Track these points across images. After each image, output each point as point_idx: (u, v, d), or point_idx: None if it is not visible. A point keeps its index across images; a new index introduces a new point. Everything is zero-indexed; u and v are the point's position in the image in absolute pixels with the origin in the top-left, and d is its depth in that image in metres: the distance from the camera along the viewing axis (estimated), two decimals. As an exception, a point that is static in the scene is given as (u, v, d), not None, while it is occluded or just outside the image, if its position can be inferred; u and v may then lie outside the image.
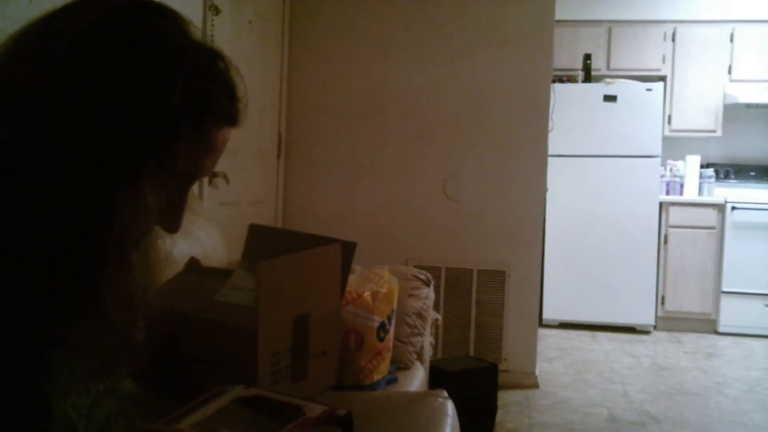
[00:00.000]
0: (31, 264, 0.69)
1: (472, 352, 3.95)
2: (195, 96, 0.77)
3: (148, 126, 0.74)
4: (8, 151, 0.70)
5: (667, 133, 5.82)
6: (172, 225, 0.85)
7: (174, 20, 0.80)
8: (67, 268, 0.72)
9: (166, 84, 0.74)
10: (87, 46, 0.73)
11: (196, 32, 0.81)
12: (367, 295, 2.19)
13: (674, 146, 6.01)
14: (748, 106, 5.91)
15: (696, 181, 5.84)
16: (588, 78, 5.70)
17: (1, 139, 0.71)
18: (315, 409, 1.24)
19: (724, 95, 5.79)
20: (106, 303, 0.75)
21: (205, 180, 3.04)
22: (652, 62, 5.89)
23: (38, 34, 0.76)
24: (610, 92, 5.47)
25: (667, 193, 5.80)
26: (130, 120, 0.73)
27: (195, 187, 2.93)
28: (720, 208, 5.55)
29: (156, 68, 0.74)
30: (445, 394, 1.91)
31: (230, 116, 0.84)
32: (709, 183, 5.86)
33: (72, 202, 0.72)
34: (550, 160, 4.14)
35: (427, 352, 2.79)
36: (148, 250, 0.83)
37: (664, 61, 5.88)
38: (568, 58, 5.78)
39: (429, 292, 2.73)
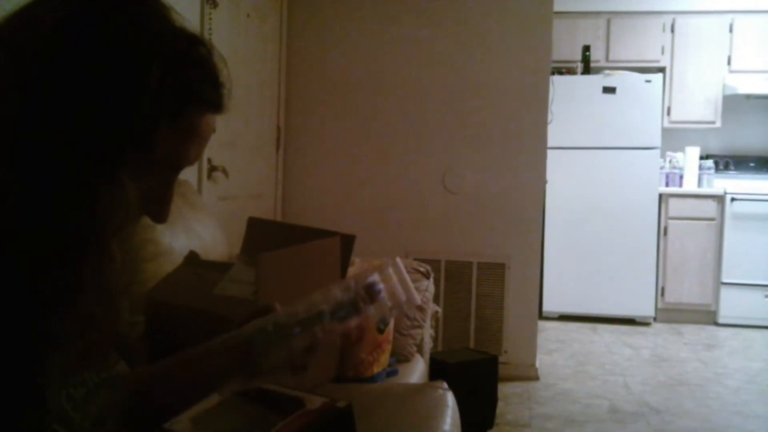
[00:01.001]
0: (12, 256, 0.69)
1: (472, 345, 3.95)
2: (175, 82, 0.75)
3: (125, 113, 0.72)
4: None
5: (666, 124, 5.82)
6: (160, 215, 0.84)
7: (154, 7, 0.78)
8: (46, 260, 0.71)
9: (143, 70, 0.73)
10: (63, 35, 0.72)
11: (178, 19, 0.79)
12: (366, 287, 2.19)
13: (674, 138, 6.00)
14: (748, 97, 5.90)
15: (695, 172, 5.84)
16: (587, 69, 5.69)
17: None
18: (315, 401, 1.24)
19: (724, 86, 5.78)
20: (86, 294, 0.74)
21: (204, 174, 3.04)
22: (651, 53, 5.88)
23: (15, 24, 0.75)
24: (610, 84, 5.46)
25: (667, 184, 5.79)
26: (107, 108, 0.72)
27: (194, 181, 2.93)
28: (719, 199, 5.55)
29: (132, 54, 0.73)
30: (446, 385, 1.91)
31: (213, 102, 0.82)
32: (709, 174, 5.86)
33: (50, 192, 0.71)
34: (549, 152, 4.13)
35: (428, 345, 2.79)
36: (130, 239, 0.82)
37: (663, 52, 5.87)
38: (567, 49, 5.77)
39: (429, 285, 2.73)
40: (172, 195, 0.84)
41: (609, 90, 5.45)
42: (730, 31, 5.78)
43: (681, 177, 5.84)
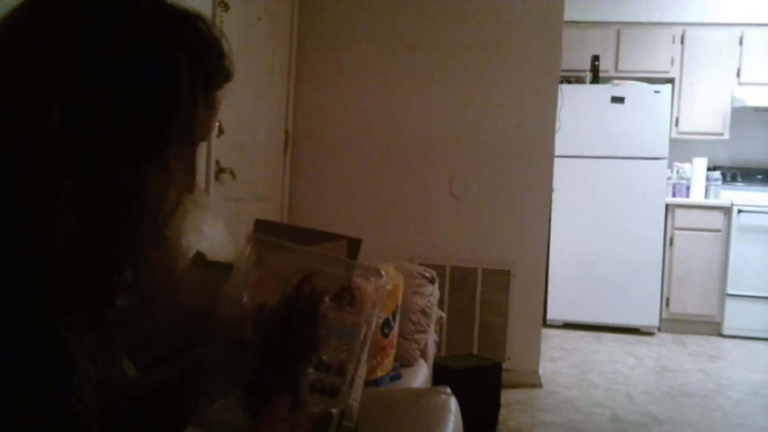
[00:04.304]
0: (70, 248, 0.71)
1: (475, 351, 3.95)
2: (198, 64, 0.80)
3: (170, 96, 0.76)
4: (36, 139, 0.71)
5: (674, 135, 5.81)
6: (189, 185, 0.88)
7: None
8: (104, 249, 0.74)
9: (175, 53, 0.77)
10: (96, 33, 0.74)
11: None
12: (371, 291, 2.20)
13: (681, 148, 6.00)
14: (756, 109, 5.90)
15: (702, 183, 5.83)
16: (596, 79, 5.69)
17: (28, 131, 0.72)
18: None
19: (732, 98, 5.77)
20: (144, 279, 0.78)
21: (212, 175, 3.05)
22: (660, 64, 5.88)
23: (39, 19, 0.77)
24: (618, 93, 5.46)
25: (674, 195, 5.79)
26: (149, 99, 0.75)
27: (201, 182, 2.94)
28: (726, 210, 5.54)
29: (163, 40, 0.77)
30: (449, 390, 1.91)
31: (227, 74, 0.86)
32: (716, 186, 5.86)
33: (103, 184, 0.74)
34: (556, 160, 4.14)
35: (431, 350, 2.80)
36: (181, 221, 0.84)
37: (672, 63, 5.87)
38: (576, 58, 5.77)
39: (433, 290, 2.74)
40: (195, 165, 0.88)
41: (617, 100, 5.45)
42: (740, 43, 5.78)
43: (688, 188, 5.84)
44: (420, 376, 2.51)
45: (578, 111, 5.36)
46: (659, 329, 5.58)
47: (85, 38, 0.74)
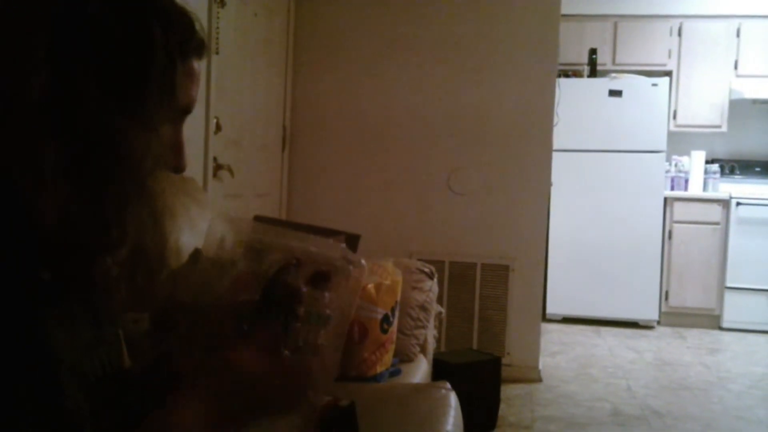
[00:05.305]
0: (59, 212, 0.74)
1: (475, 346, 3.95)
2: (176, 30, 0.83)
3: (148, 58, 0.79)
4: (20, 99, 0.73)
5: (672, 128, 5.81)
6: (179, 163, 0.90)
7: None
8: (90, 205, 0.76)
9: (150, 21, 0.80)
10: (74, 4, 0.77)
11: None
12: (370, 287, 2.20)
13: (679, 141, 5.99)
14: (754, 101, 5.89)
15: (701, 176, 5.83)
16: (593, 73, 5.69)
17: (13, 90, 0.74)
18: (319, 400, 1.24)
19: (730, 91, 5.77)
20: (131, 236, 0.80)
21: (210, 172, 3.04)
22: (658, 57, 5.87)
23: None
24: (616, 87, 5.46)
25: (672, 188, 5.79)
26: (132, 56, 0.78)
27: (199, 179, 2.93)
28: (725, 203, 5.54)
29: (137, 8, 0.80)
30: (448, 385, 1.91)
31: (201, 42, 0.88)
32: (714, 178, 5.85)
33: (88, 138, 0.76)
34: (554, 154, 4.13)
35: (431, 345, 2.80)
36: (161, 179, 0.87)
37: (670, 56, 5.87)
38: (573, 52, 5.76)
39: (433, 285, 2.73)
40: (184, 143, 0.90)
41: (615, 93, 5.45)
42: (738, 35, 5.77)
43: (686, 181, 5.84)
44: (419, 371, 2.51)
45: (576, 105, 5.36)
46: (659, 323, 5.58)
47: (59, 4, 0.76)
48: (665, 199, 5.54)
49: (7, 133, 0.73)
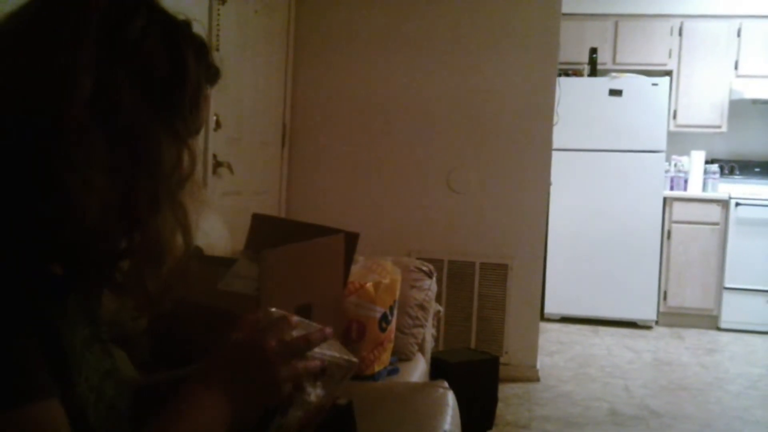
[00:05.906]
0: (91, 209, 0.76)
1: (473, 345, 3.95)
2: (199, 53, 0.88)
3: (180, 76, 0.84)
4: (70, 105, 0.76)
5: (672, 128, 5.81)
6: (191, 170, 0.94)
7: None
8: (120, 212, 0.80)
9: (183, 48, 0.85)
10: (115, 17, 0.81)
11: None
12: (369, 285, 2.20)
13: (679, 141, 5.99)
14: (755, 102, 5.89)
15: (700, 176, 5.83)
16: (594, 72, 5.69)
17: (62, 98, 0.76)
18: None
19: (730, 91, 5.77)
20: (152, 243, 0.83)
21: (210, 170, 3.04)
22: (658, 57, 5.87)
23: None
24: (616, 86, 5.46)
25: (671, 188, 5.78)
26: (166, 72, 0.83)
27: (198, 176, 2.93)
28: (724, 204, 5.54)
29: (172, 35, 0.85)
30: (446, 384, 1.91)
31: (217, 70, 0.93)
32: (714, 179, 5.85)
33: (126, 149, 0.79)
34: (554, 153, 4.13)
35: (429, 344, 2.80)
36: (194, 189, 0.91)
37: (670, 55, 5.86)
38: (574, 51, 5.76)
39: (431, 284, 2.73)
40: (197, 153, 0.94)
41: (615, 93, 5.44)
42: (738, 35, 5.76)
43: (686, 181, 5.83)
44: (418, 370, 2.51)
45: (576, 104, 5.35)
46: (657, 323, 5.58)
47: (106, 19, 0.80)
48: (664, 199, 5.53)
49: (62, 125, 0.75)
